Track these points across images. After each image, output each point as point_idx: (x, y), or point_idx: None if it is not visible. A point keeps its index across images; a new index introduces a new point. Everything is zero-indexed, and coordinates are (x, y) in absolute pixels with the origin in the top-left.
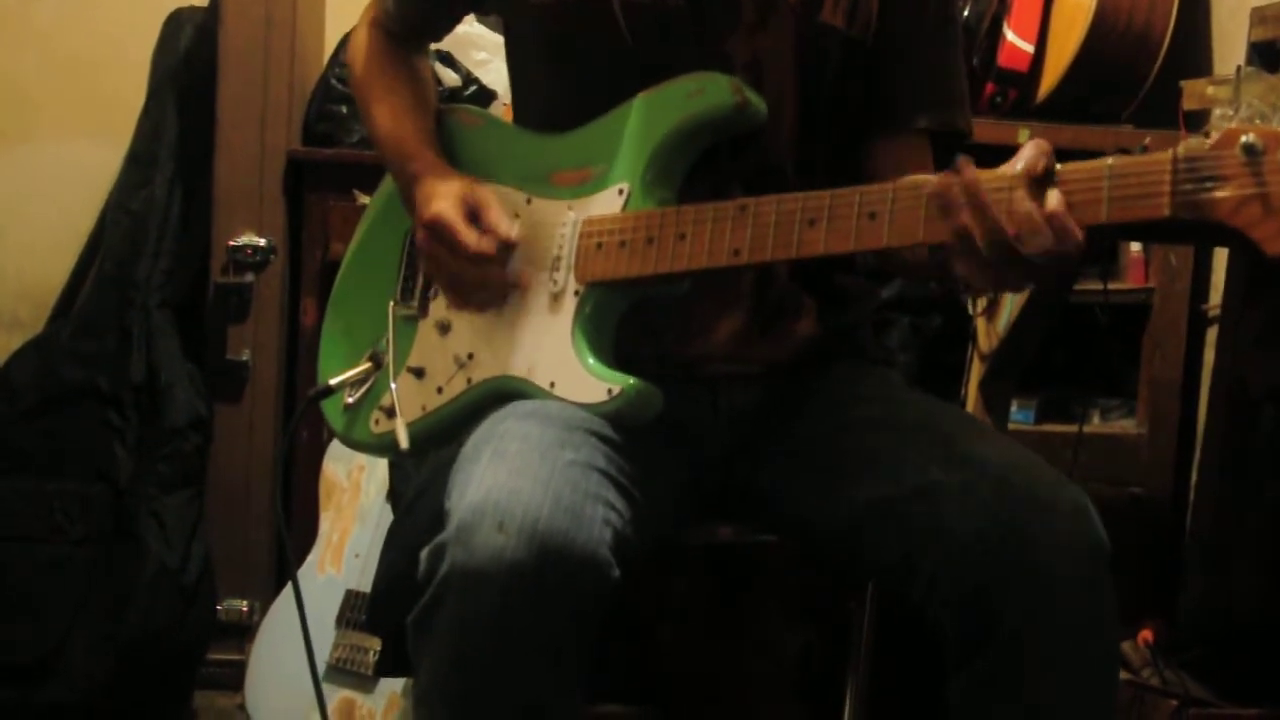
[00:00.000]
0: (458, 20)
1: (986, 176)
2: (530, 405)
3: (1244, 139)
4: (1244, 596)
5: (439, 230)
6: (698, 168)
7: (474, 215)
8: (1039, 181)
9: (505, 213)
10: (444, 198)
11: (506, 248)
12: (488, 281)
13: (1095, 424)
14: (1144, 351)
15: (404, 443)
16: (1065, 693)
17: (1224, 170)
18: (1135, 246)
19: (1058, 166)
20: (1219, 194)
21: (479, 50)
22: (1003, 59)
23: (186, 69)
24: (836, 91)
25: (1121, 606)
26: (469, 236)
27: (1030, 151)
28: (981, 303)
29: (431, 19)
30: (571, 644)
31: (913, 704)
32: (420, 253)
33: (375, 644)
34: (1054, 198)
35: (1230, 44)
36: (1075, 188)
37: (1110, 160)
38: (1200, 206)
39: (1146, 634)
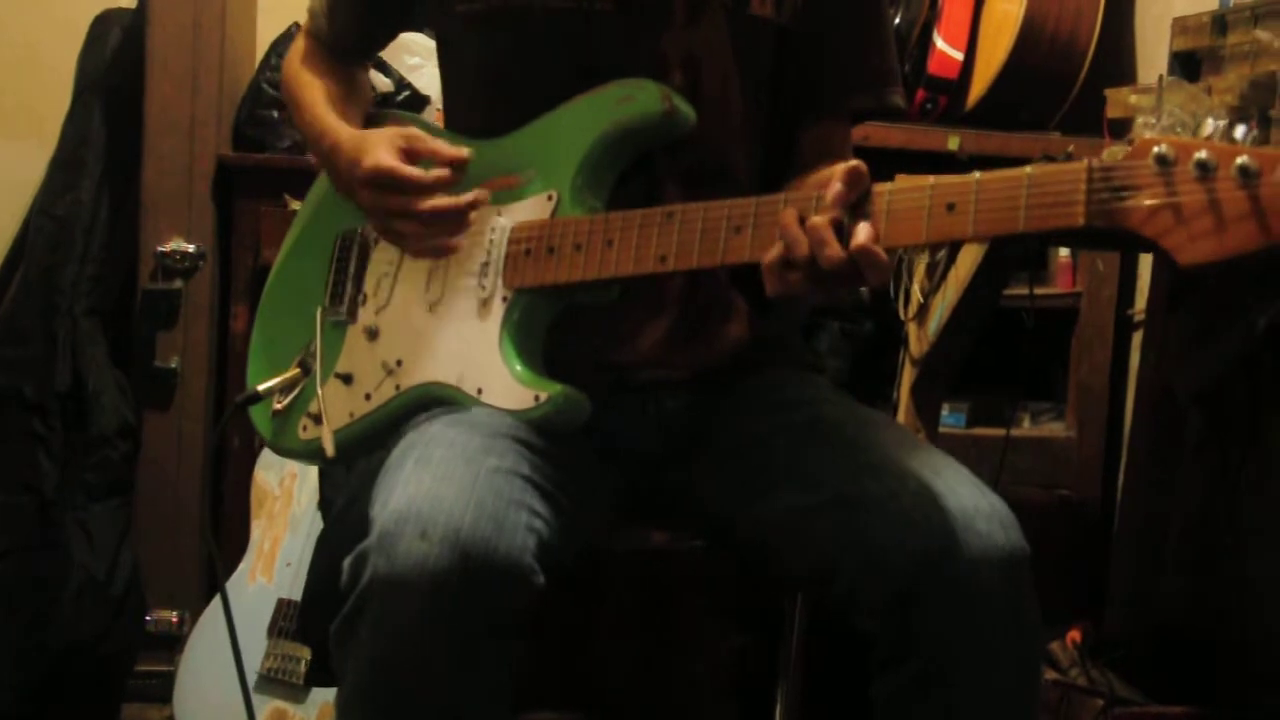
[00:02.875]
0: (391, 37)
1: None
2: (456, 413)
3: (1156, 149)
4: (1169, 597)
5: (382, 178)
6: (634, 167)
7: (410, 153)
8: (853, 211)
9: (436, 138)
10: (374, 147)
11: (460, 167)
12: (446, 213)
13: (1026, 427)
14: (1072, 356)
15: (330, 450)
16: (986, 699)
17: (1137, 180)
18: (1064, 252)
19: (888, 188)
20: (1132, 203)
21: (412, 55)
22: (933, 66)
23: (114, 72)
24: (775, 82)
25: (1050, 607)
26: (413, 171)
27: (839, 186)
28: (913, 308)
29: (365, 38)
30: (495, 652)
31: (845, 705)
32: (369, 213)
33: (306, 653)
34: (863, 231)
35: (1154, 53)
36: (993, 195)
37: (1029, 169)
38: (1114, 216)
39: (1074, 634)
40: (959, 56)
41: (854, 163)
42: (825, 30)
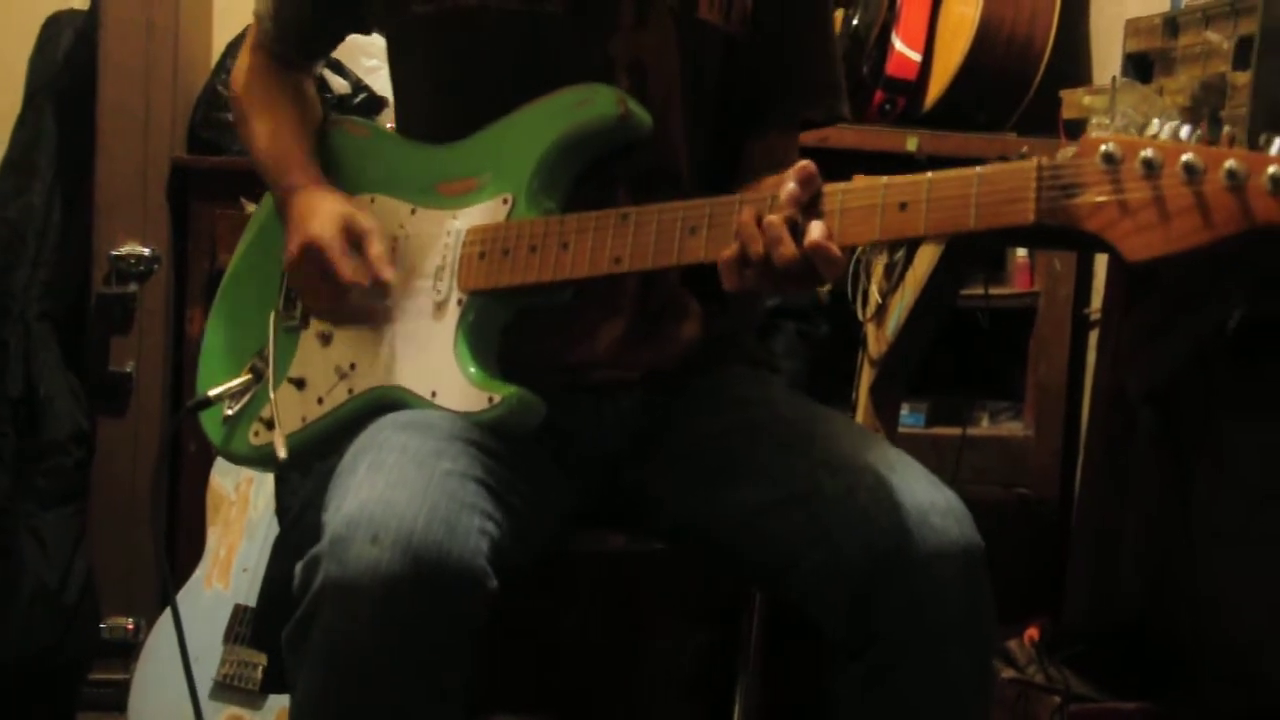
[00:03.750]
0: (339, 40)
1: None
2: (409, 415)
3: (1103, 147)
4: (1126, 594)
5: (314, 254)
6: (585, 170)
7: (356, 244)
8: (806, 210)
9: (386, 248)
10: (324, 219)
11: (379, 285)
12: (352, 308)
13: (984, 426)
14: (1030, 355)
15: (282, 453)
16: (941, 694)
17: (1085, 178)
18: (1021, 252)
19: (842, 187)
20: (1080, 200)
21: (369, 57)
22: (891, 67)
23: (65, 74)
24: (720, 90)
25: (1008, 604)
26: (345, 266)
27: (793, 185)
28: (871, 308)
29: (312, 40)
30: (449, 656)
31: (805, 702)
32: (290, 267)
33: (263, 659)
34: (816, 229)
35: (1108, 55)
36: (945, 194)
37: (978, 169)
38: (1063, 213)
39: (1032, 632)
40: (917, 58)
41: (804, 163)
42: (773, 41)
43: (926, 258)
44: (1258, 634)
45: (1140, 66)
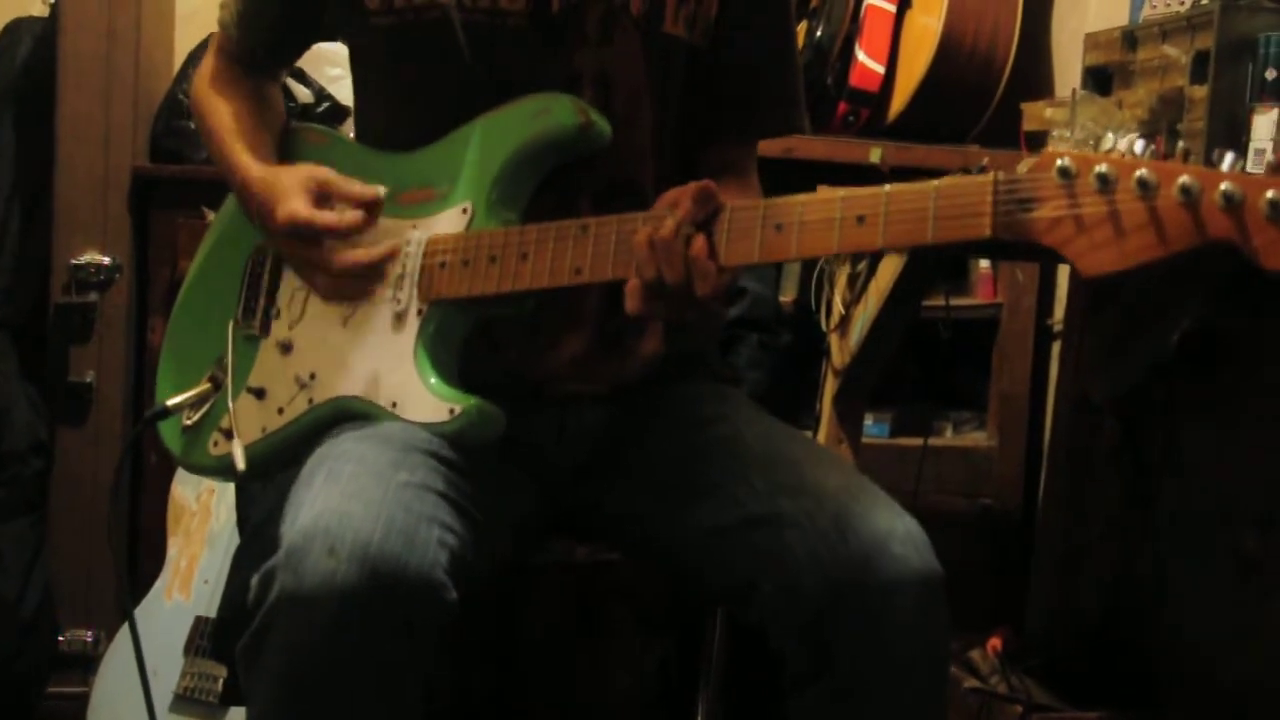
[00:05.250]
0: (304, 49)
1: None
2: (369, 427)
3: (1059, 162)
4: (1087, 603)
5: (299, 229)
6: (548, 181)
7: (322, 196)
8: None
9: (349, 178)
10: (286, 193)
11: (374, 206)
12: (362, 261)
13: (948, 436)
14: (994, 365)
15: (240, 464)
16: (895, 716)
17: (1041, 192)
18: (984, 263)
19: (801, 199)
20: (1036, 214)
21: (332, 66)
22: (854, 79)
23: (25, 81)
24: (684, 103)
25: (971, 615)
26: (329, 218)
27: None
28: (834, 319)
29: (276, 48)
30: (406, 668)
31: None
32: (289, 262)
33: (223, 672)
34: (695, 244)
35: (1069, 68)
36: (902, 207)
37: (936, 183)
38: (1019, 227)
39: (995, 642)
40: (880, 69)
41: (704, 182)
42: (736, 52)
43: (889, 268)
44: (1220, 644)
45: (1100, 80)
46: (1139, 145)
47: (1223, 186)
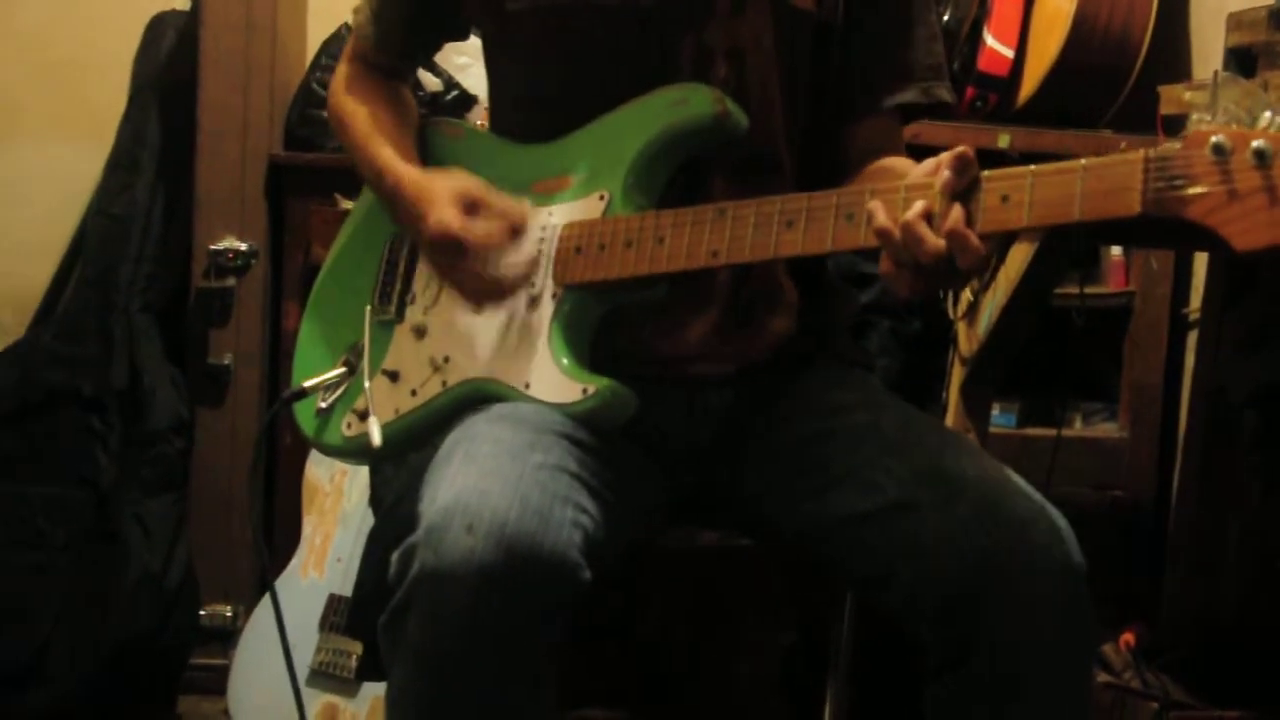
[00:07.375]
0: (437, 48)
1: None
2: (503, 408)
3: (1214, 139)
4: (1225, 599)
5: (448, 242)
6: (681, 168)
7: (473, 207)
8: (958, 196)
9: (499, 193)
10: (440, 204)
11: (518, 229)
12: (508, 271)
13: (1078, 428)
14: (1125, 355)
15: (377, 440)
16: (1038, 708)
17: (1193, 169)
18: (1116, 250)
19: (984, 174)
20: (1188, 192)
21: (460, 55)
22: (983, 63)
23: (168, 73)
24: (814, 78)
25: (1104, 609)
26: (478, 232)
27: (948, 174)
28: (962, 306)
29: (410, 48)
30: (540, 646)
31: (895, 707)
32: (435, 268)
33: (357, 648)
34: (952, 215)
35: (1208, 49)
36: (1048, 185)
37: (1084, 161)
38: (1170, 204)
39: (1128, 637)
40: (1009, 54)
41: (960, 149)
42: (867, 25)
43: (1019, 256)
44: None
45: (1243, 61)
46: None
47: None
